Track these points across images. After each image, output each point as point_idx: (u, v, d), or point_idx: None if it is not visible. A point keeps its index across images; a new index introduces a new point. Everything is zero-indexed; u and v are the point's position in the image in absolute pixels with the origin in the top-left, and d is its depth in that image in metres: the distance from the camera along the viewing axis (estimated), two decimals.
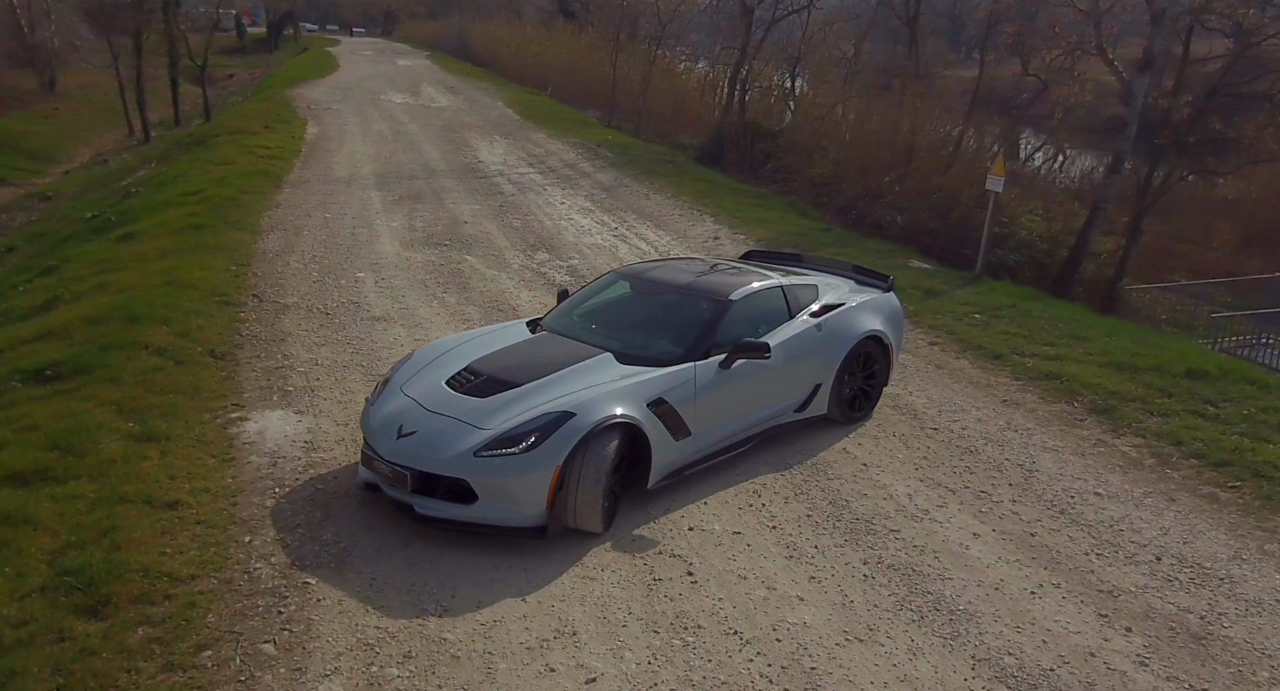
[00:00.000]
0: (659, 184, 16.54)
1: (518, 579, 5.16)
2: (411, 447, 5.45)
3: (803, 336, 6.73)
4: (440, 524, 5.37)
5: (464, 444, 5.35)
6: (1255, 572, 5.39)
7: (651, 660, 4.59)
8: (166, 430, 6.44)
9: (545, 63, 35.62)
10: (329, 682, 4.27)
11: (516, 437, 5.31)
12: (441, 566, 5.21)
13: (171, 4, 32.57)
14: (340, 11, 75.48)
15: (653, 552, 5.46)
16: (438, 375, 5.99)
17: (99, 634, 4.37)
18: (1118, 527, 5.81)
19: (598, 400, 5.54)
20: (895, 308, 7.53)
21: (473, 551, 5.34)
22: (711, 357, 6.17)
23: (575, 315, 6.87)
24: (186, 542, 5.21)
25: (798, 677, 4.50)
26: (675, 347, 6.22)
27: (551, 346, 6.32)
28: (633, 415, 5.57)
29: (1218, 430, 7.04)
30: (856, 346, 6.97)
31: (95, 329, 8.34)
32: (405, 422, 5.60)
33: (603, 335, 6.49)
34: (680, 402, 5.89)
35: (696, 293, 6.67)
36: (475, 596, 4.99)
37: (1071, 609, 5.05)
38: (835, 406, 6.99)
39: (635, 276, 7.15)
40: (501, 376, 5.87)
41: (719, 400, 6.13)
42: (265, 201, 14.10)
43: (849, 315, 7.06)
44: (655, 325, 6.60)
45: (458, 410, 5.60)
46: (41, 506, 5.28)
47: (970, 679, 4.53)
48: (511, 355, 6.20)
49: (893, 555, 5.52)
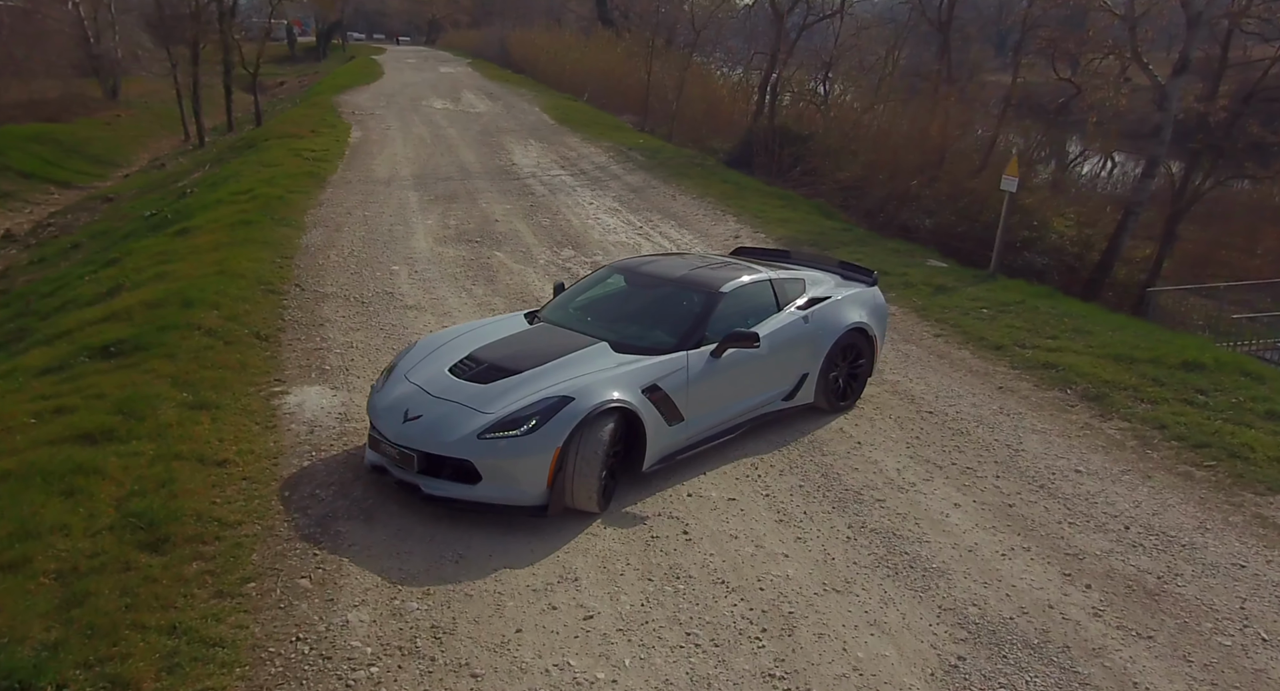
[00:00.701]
0: (685, 186, 17.05)
1: (527, 535, 5.68)
2: (418, 431, 5.76)
3: (790, 328, 7.09)
4: (446, 503, 5.73)
5: (468, 427, 5.68)
6: (1217, 541, 5.77)
7: (645, 603, 5.09)
8: (216, 400, 7.07)
9: (583, 69, 36.31)
10: (357, 612, 4.83)
11: (518, 421, 5.64)
12: (459, 522, 5.74)
13: (227, 15, 33.88)
14: (387, 21, 77.09)
15: (653, 515, 5.96)
16: (441, 363, 6.36)
17: (159, 566, 4.97)
18: (1092, 500, 6.21)
19: (595, 386, 5.89)
20: (879, 301, 7.86)
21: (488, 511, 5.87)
22: (703, 347, 6.53)
23: (571, 307, 7.23)
24: (234, 494, 5.82)
25: (776, 620, 4.98)
26: (669, 337, 6.57)
27: (549, 336, 6.68)
28: (628, 400, 5.91)
29: (1203, 416, 7.39)
30: (842, 338, 7.32)
31: (154, 312, 9.03)
32: (411, 407, 5.93)
33: (598, 326, 6.82)
34: (673, 389, 6.25)
35: (689, 286, 7.01)
36: (488, 547, 5.52)
37: (1038, 569, 5.47)
38: (822, 395, 7.36)
39: (629, 270, 7.50)
40: (502, 364, 6.21)
41: (710, 388, 6.49)
42: (309, 200, 14.84)
43: (835, 308, 7.41)
44: (649, 316, 6.90)
45: (461, 395, 5.95)
46: (109, 460, 5.91)
47: (934, 624, 4.98)
48: (511, 344, 6.56)
49: (876, 521, 5.97)
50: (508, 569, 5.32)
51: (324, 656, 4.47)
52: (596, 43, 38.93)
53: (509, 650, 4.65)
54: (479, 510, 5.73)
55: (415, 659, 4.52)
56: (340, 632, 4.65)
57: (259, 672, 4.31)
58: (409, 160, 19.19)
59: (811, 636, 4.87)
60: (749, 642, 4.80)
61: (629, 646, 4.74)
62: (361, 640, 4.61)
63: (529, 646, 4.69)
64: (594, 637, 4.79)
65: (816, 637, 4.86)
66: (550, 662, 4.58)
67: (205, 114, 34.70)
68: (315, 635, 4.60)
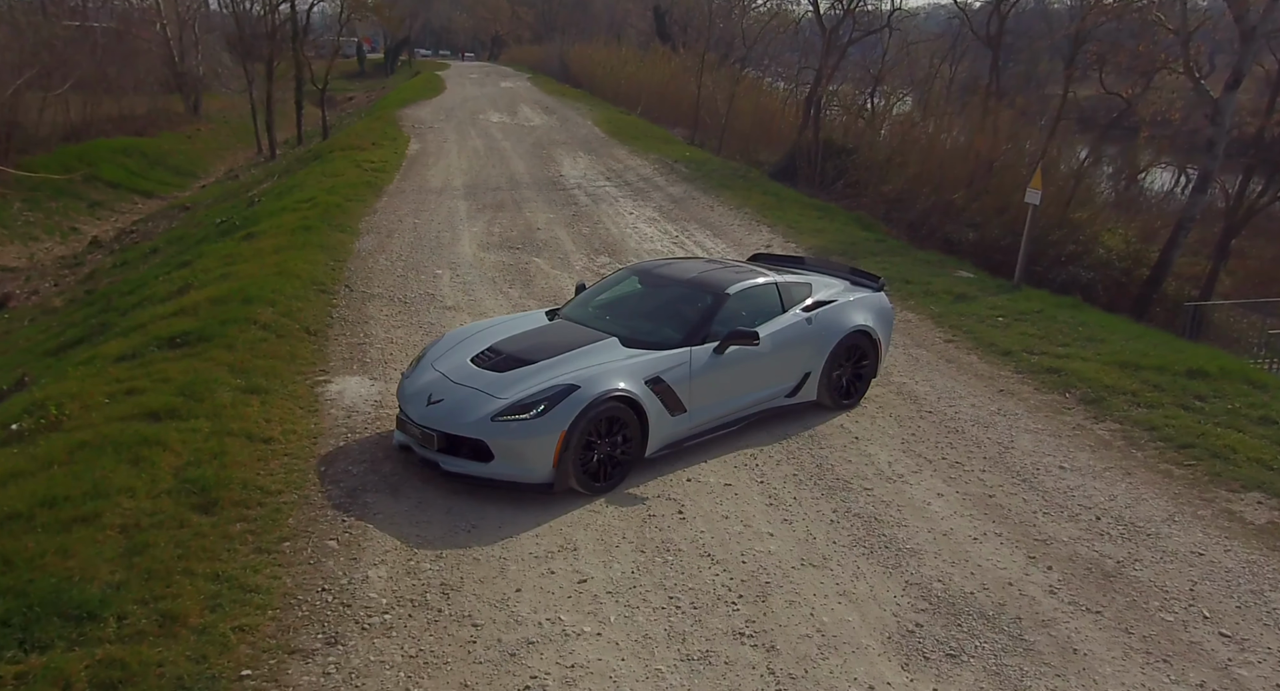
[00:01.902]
0: (725, 197, 17.56)
1: (536, 510, 6.24)
2: (439, 413, 6.39)
3: (793, 328, 7.57)
4: (462, 479, 6.33)
5: (483, 410, 6.28)
6: (1182, 531, 6.10)
7: (635, 571, 5.61)
8: (266, 386, 7.79)
9: (637, 84, 37.09)
10: (376, 569, 5.44)
11: (528, 405, 6.21)
12: (476, 497, 6.34)
13: (300, 34, 35.47)
14: (453, 37, 79.19)
15: (653, 496, 6.48)
16: (464, 353, 6.99)
17: (209, 524, 5.65)
18: (1070, 493, 6.57)
19: (601, 376, 6.46)
20: (885, 306, 8.27)
21: (503, 489, 6.46)
22: (707, 344, 7.04)
23: (589, 305, 7.82)
24: (276, 468, 6.49)
25: (753, 588, 5.46)
26: (675, 334, 7.09)
27: (565, 331, 7.29)
28: (632, 390, 6.46)
29: (1195, 419, 7.67)
30: (845, 339, 7.77)
31: (217, 308, 9.83)
32: (434, 392, 6.58)
33: (612, 323, 7.40)
34: (676, 382, 6.77)
35: (697, 286, 7.54)
36: (499, 519, 6.10)
37: (1005, 552, 5.86)
38: (825, 393, 7.81)
39: (645, 272, 8.09)
40: (519, 355, 6.82)
41: (713, 382, 7.00)
42: (365, 208, 15.70)
43: (839, 311, 7.86)
44: (659, 315, 7.44)
45: (479, 382, 6.56)
46: (170, 435, 6.63)
47: (899, 596, 5.41)
48: (529, 338, 7.17)
49: (861, 507, 6.41)
50: (514, 537, 5.89)
51: (345, 604, 5.08)
52: (651, 57, 39.68)
53: (508, 605, 5.21)
54: (492, 485, 6.32)
55: (424, 609, 5.11)
56: (361, 586, 5.26)
57: (288, 614, 4.94)
58: (462, 171, 20.03)
59: (783, 603, 5.34)
60: (725, 606, 5.29)
61: (616, 606, 5.26)
62: (379, 592, 5.22)
63: (526, 603, 5.24)
64: (585, 598, 5.33)
65: (788, 604, 5.33)
66: (544, 617, 5.13)
67: (277, 128, 36.33)
68: (338, 587, 5.22)
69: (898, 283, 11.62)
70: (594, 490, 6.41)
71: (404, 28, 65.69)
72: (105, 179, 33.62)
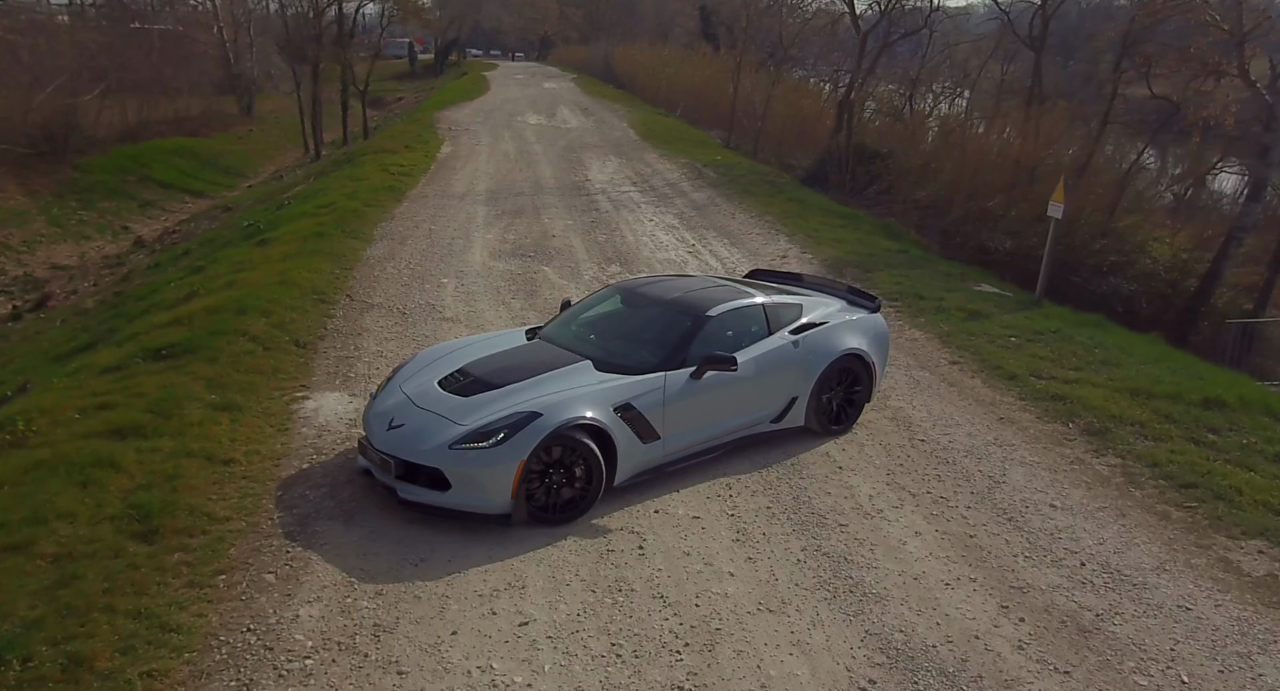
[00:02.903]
0: (748, 204, 17.17)
1: (491, 542, 5.99)
2: (398, 438, 6.17)
3: (779, 352, 7.23)
4: (419, 508, 6.10)
5: (442, 437, 6.05)
6: (1171, 582, 5.64)
7: (581, 612, 5.34)
8: (241, 402, 7.67)
9: (678, 85, 36.75)
10: (309, 607, 5.24)
11: (488, 433, 5.97)
12: (432, 527, 6.11)
13: (346, 36, 35.84)
14: (503, 38, 79.62)
15: (615, 529, 6.19)
16: (432, 375, 6.77)
17: (145, 555, 5.50)
18: (1057, 535, 6.13)
19: (566, 403, 6.19)
20: (880, 328, 7.89)
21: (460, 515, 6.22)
22: (684, 368, 6.74)
23: (571, 325, 7.56)
24: (231, 492, 6.34)
25: (701, 635, 5.15)
26: (651, 357, 6.81)
27: (539, 353, 7.03)
28: (598, 418, 6.18)
29: (1203, 455, 7.16)
30: (835, 362, 7.41)
31: (210, 318, 9.78)
32: (396, 416, 6.36)
33: (588, 344, 7.13)
34: (648, 408, 6.49)
35: (678, 307, 7.23)
36: (451, 552, 5.86)
37: (978, 600, 5.47)
38: (813, 418, 7.45)
39: (628, 291, 7.80)
40: (486, 378, 6.58)
41: (689, 408, 6.70)
42: (383, 213, 15.64)
43: (829, 333, 7.50)
44: (638, 336, 7.17)
45: (442, 407, 6.33)
46: (128, 455, 6.53)
47: (856, 648, 5.06)
48: (501, 359, 6.92)
49: (833, 545, 6.05)
50: (462, 573, 5.65)
51: (267, 647, 4.88)
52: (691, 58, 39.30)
53: (440, 651, 4.97)
54: (449, 516, 6.07)
55: (350, 654, 4.89)
56: (289, 626, 5.06)
57: (204, 658, 4.75)
58: (488, 175, 19.92)
59: (731, 653, 5.02)
60: (669, 655, 4.99)
61: (554, 652, 5.00)
62: (305, 634, 5.01)
63: (460, 648, 5.00)
64: (523, 643, 5.07)
65: (735, 654, 5.01)
66: (475, 664, 4.88)
67: (328, 129, 36.78)
68: (265, 627, 5.02)
69: (910, 298, 11.17)
70: (550, 522, 6.15)
71: (453, 29, 66.17)
72: (157, 179, 34.32)
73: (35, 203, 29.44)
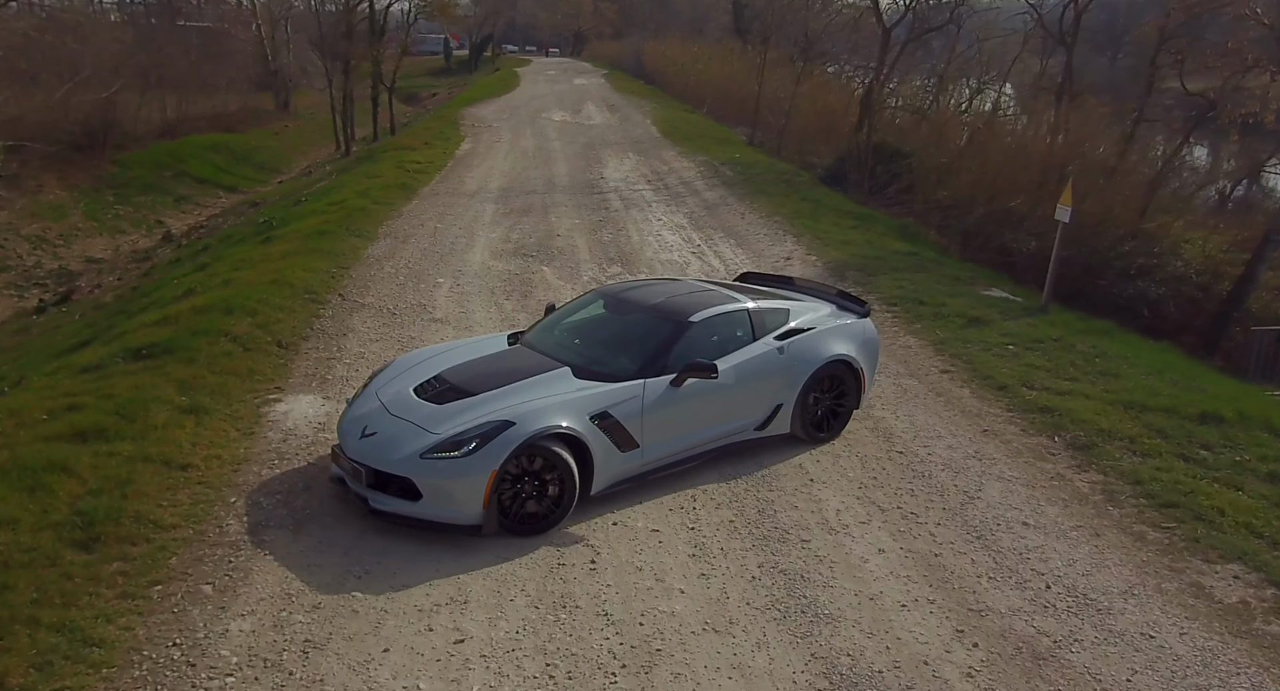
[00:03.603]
0: (760, 203, 16.88)
1: (443, 553, 5.84)
2: (370, 447, 6.05)
3: (763, 358, 7.02)
4: (390, 518, 5.97)
5: (413, 446, 5.92)
6: (1137, 608, 5.36)
7: (520, 630, 5.17)
8: (209, 405, 7.59)
9: (706, 81, 36.42)
10: (241, 621, 5.11)
11: (459, 442, 5.84)
12: (385, 537, 5.97)
13: (376, 33, 36.03)
14: (538, 33, 79.71)
15: (570, 542, 6.01)
16: (409, 382, 6.63)
17: (82, 564, 5.41)
18: (1025, 556, 5.85)
19: (541, 411, 6.03)
20: (870, 334, 7.67)
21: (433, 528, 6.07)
22: (664, 376, 6.55)
23: (554, 330, 7.39)
24: (183, 498, 6.25)
25: (640, 656, 4.96)
26: (630, 364, 6.63)
27: (518, 359, 6.86)
28: (574, 427, 6.02)
29: (1191, 473, 6.82)
30: (821, 369, 7.19)
31: (196, 317, 9.74)
32: (369, 424, 6.24)
33: (569, 350, 6.96)
34: (627, 417, 6.31)
35: (660, 313, 7.04)
36: (399, 564, 5.72)
37: (933, 623, 5.22)
38: (799, 426, 7.24)
39: (611, 296, 7.63)
40: (462, 385, 6.43)
41: (669, 416, 6.51)
42: (391, 211, 15.59)
43: (815, 339, 7.28)
44: (618, 343, 7.01)
45: (415, 415, 6.19)
46: (83, 459, 6.46)
47: (799, 672, 4.84)
48: (478, 366, 6.76)
49: (790, 562, 5.82)
50: (405, 587, 5.51)
51: (190, 663, 4.76)
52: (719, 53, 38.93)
53: (368, 669, 4.82)
54: (420, 527, 5.93)
55: (275, 672, 4.75)
56: (217, 641, 4.94)
57: (123, 675, 4.64)
58: (502, 173, 19.82)
59: (668, 675, 4.83)
60: (603, 677, 4.81)
61: (485, 673, 4.83)
62: (232, 649, 4.88)
63: (389, 666, 4.85)
64: (455, 662, 4.91)
65: (672, 677, 4.82)
66: (401, 684, 4.73)
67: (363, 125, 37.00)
68: (191, 642, 4.91)
69: (909, 303, 10.84)
70: (522, 533, 6.00)
71: (488, 25, 66.32)
72: (193, 174, 34.76)
73: (73, 197, 29.92)
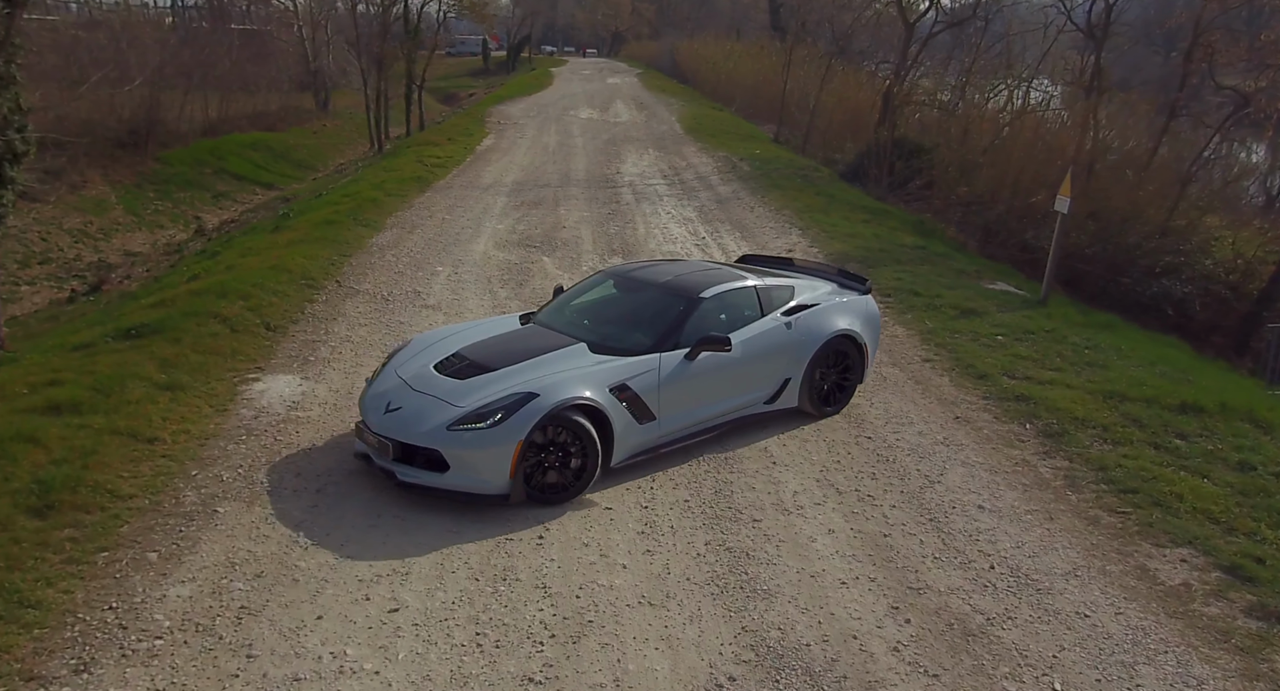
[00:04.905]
0: (772, 198, 16.77)
1: (393, 526, 5.87)
2: (395, 421, 6.20)
3: (772, 333, 7.16)
4: (418, 489, 6.09)
5: (439, 419, 6.06)
6: (1078, 588, 5.25)
7: (456, 600, 5.16)
8: (187, 382, 7.70)
9: (736, 79, 36.30)
10: (180, 587, 5.16)
11: (485, 414, 5.98)
12: (339, 509, 6.01)
13: (411, 33, 36.48)
14: (577, 34, 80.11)
15: (520, 517, 6.01)
16: (428, 359, 6.77)
17: (33, 529, 5.51)
18: (975, 537, 5.74)
19: (562, 383, 6.16)
20: (871, 309, 7.82)
21: (369, 501, 6.11)
22: (678, 350, 6.69)
23: (565, 309, 7.54)
24: (145, 470, 6.34)
25: (571, 628, 4.93)
26: (645, 339, 6.78)
27: (533, 336, 7.01)
28: (595, 398, 6.15)
29: (1158, 460, 6.66)
30: (828, 344, 7.35)
31: (192, 300, 9.89)
32: (393, 399, 6.38)
33: (583, 328, 7.11)
34: (644, 389, 6.45)
35: (671, 291, 7.20)
36: (347, 536, 5.74)
37: (869, 600, 5.14)
38: (806, 399, 7.39)
39: (620, 275, 7.78)
40: (481, 361, 6.58)
41: (684, 389, 6.65)
42: (402, 203, 15.73)
43: (821, 314, 7.43)
44: (631, 319, 7.16)
45: (438, 389, 6.34)
46: (52, 431, 6.59)
47: (727, 644, 4.79)
48: (496, 344, 6.91)
49: (738, 540, 5.76)
50: (350, 559, 5.52)
51: (122, 626, 4.80)
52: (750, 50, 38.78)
53: (299, 635, 4.84)
54: (447, 496, 6.04)
55: (205, 636, 4.79)
56: (153, 605, 4.98)
57: (53, 636, 4.70)
58: (520, 167, 19.91)
59: (595, 646, 4.79)
60: (531, 647, 4.79)
61: (414, 641, 4.83)
62: (166, 614, 4.92)
63: (319, 634, 4.86)
64: (386, 630, 4.92)
65: (600, 647, 4.78)
66: (329, 650, 4.74)
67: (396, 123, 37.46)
68: (127, 606, 4.96)
69: (904, 294, 10.68)
70: (547, 502, 6.10)
71: (526, 25, 66.74)
72: (232, 171, 35.39)
73: (116, 193, 30.59)
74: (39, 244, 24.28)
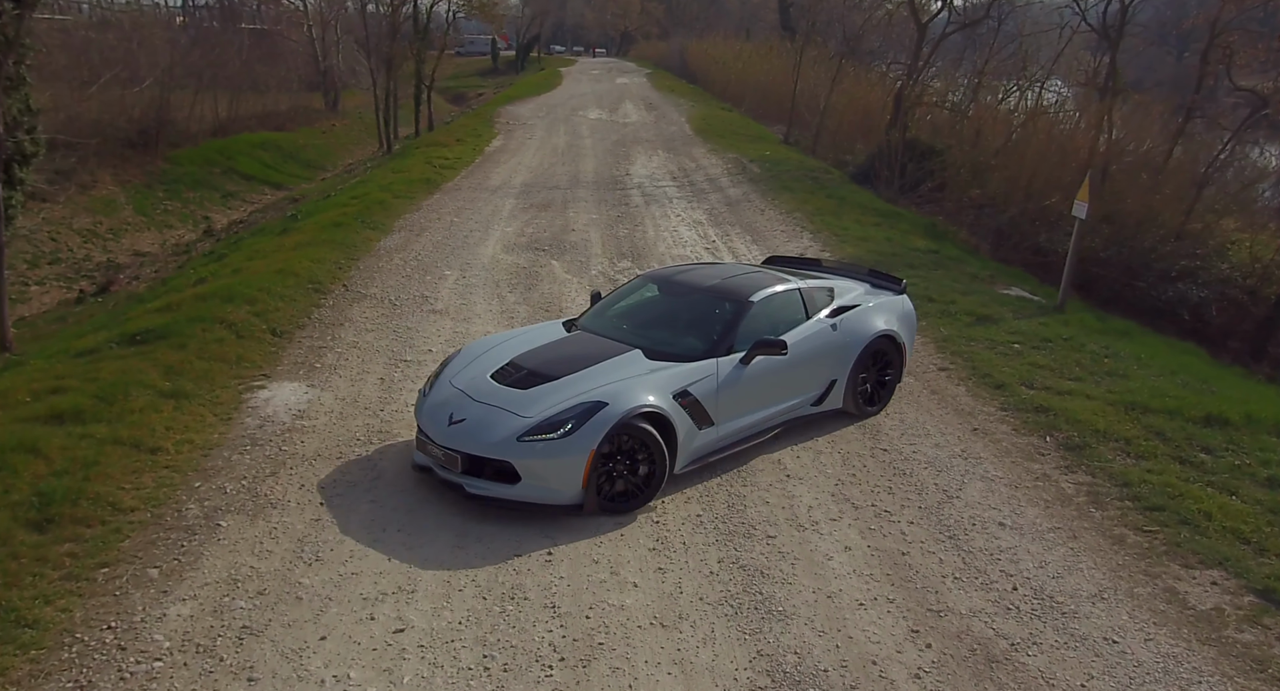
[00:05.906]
0: (782, 200, 16.60)
1: (397, 541, 5.74)
2: (461, 433, 6.10)
3: (819, 336, 7.16)
4: (487, 501, 6.00)
5: (508, 430, 5.97)
6: (1104, 612, 5.07)
7: (464, 620, 5.03)
8: (192, 390, 7.59)
9: (745, 80, 36.10)
10: (181, 605, 5.04)
11: (555, 424, 5.90)
12: (342, 524, 5.88)
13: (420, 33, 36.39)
14: (585, 33, 79.97)
15: (529, 531, 5.87)
16: (483, 368, 6.65)
17: (33, 543, 5.40)
18: (996, 557, 5.57)
19: (628, 391, 6.09)
20: (908, 309, 7.85)
21: (373, 515, 5.98)
22: (733, 354, 6.64)
23: (607, 315, 7.45)
24: (147, 481, 6.23)
25: (581, 649, 4.79)
26: (699, 344, 6.73)
27: (586, 344, 6.92)
28: (660, 405, 6.10)
29: (1184, 476, 6.47)
30: (870, 345, 7.36)
31: (196, 305, 9.78)
32: (455, 411, 6.27)
33: (632, 333, 7.03)
34: (703, 395, 6.40)
35: (720, 294, 7.15)
36: (351, 551, 5.61)
37: (889, 622, 4.98)
38: (850, 400, 7.38)
39: (663, 279, 7.70)
40: (541, 370, 6.47)
41: (739, 393, 6.61)
42: (410, 205, 15.61)
43: (863, 316, 7.44)
44: (681, 324, 7.09)
45: (502, 400, 6.24)
46: (53, 441, 6.48)
47: (742, 669, 4.64)
48: (550, 351, 6.81)
49: (752, 558, 5.61)
50: (356, 575, 5.40)
51: (121, 647, 4.69)
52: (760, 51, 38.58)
53: (301, 657, 4.72)
54: (519, 508, 5.96)
55: (205, 657, 4.67)
56: (153, 625, 4.86)
57: (51, 657, 4.58)
58: (529, 169, 19.78)
59: (606, 669, 4.66)
60: (539, 670, 4.65)
61: (420, 663, 4.70)
62: (166, 634, 4.81)
63: (323, 655, 4.74)
64: (391, 651, 4.79)
65: (610, 671, 4.64)
66: (332, 673, 4.62)
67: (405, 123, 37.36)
68: (126, 625, 4.84)
69: (918, 300, 10.38)
70: (616, 512, 6.04)
71: (535, 25, 66.62)
72: (241, 171, 35.36)
73: (125, 193, 30.56)
74: (48, 244, 24.24)
